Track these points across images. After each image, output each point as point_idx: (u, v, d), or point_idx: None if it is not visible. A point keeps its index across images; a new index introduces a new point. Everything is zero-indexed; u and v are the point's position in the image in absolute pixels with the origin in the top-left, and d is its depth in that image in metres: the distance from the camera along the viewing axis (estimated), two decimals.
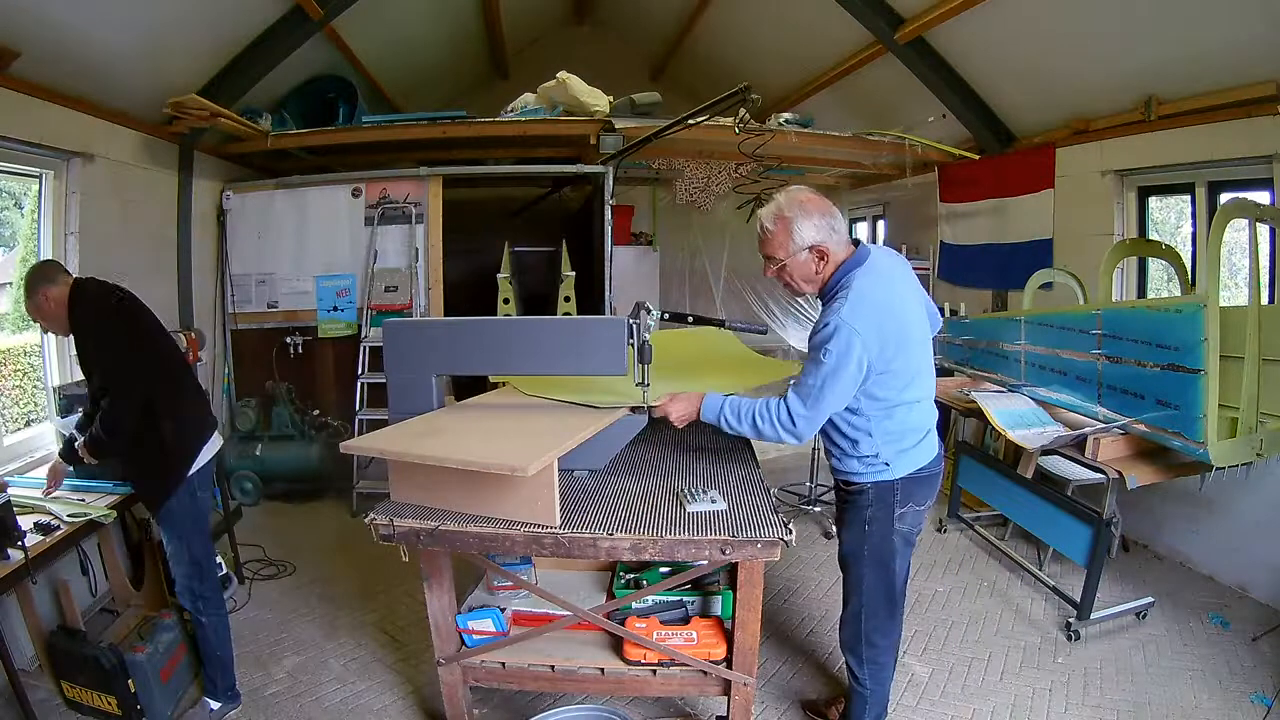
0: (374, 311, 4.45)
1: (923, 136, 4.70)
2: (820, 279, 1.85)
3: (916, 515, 1.95)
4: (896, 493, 1.88)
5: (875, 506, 1.90)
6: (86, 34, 2.96)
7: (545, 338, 2.13)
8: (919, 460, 1.90)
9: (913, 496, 1.91)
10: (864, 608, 1.98)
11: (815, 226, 1.79)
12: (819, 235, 1.79)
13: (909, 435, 1.88)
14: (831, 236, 1.80)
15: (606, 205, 4.51)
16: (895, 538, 1.92)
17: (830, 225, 1.80)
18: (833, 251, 1.80)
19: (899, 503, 1.89)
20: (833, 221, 1.81)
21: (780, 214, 1.81)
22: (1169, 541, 3.48)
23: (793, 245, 1.80)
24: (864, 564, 1.95)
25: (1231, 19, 2.87)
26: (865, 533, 1.92)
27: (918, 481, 1.91)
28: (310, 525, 4.02)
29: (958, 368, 3.97)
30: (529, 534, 1.76)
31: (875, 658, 2.02)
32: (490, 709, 2.35)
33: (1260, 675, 2.51)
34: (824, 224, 1.79)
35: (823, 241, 1.79)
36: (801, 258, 1.82)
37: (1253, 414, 2.43)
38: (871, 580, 1.96)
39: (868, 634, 1.99)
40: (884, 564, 1.94)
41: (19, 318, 3.27)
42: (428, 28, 5.54)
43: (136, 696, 2.23)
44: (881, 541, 1.92)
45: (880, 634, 2.01)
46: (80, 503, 2.34)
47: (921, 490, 1.93)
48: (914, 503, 1.92)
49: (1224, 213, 2.46)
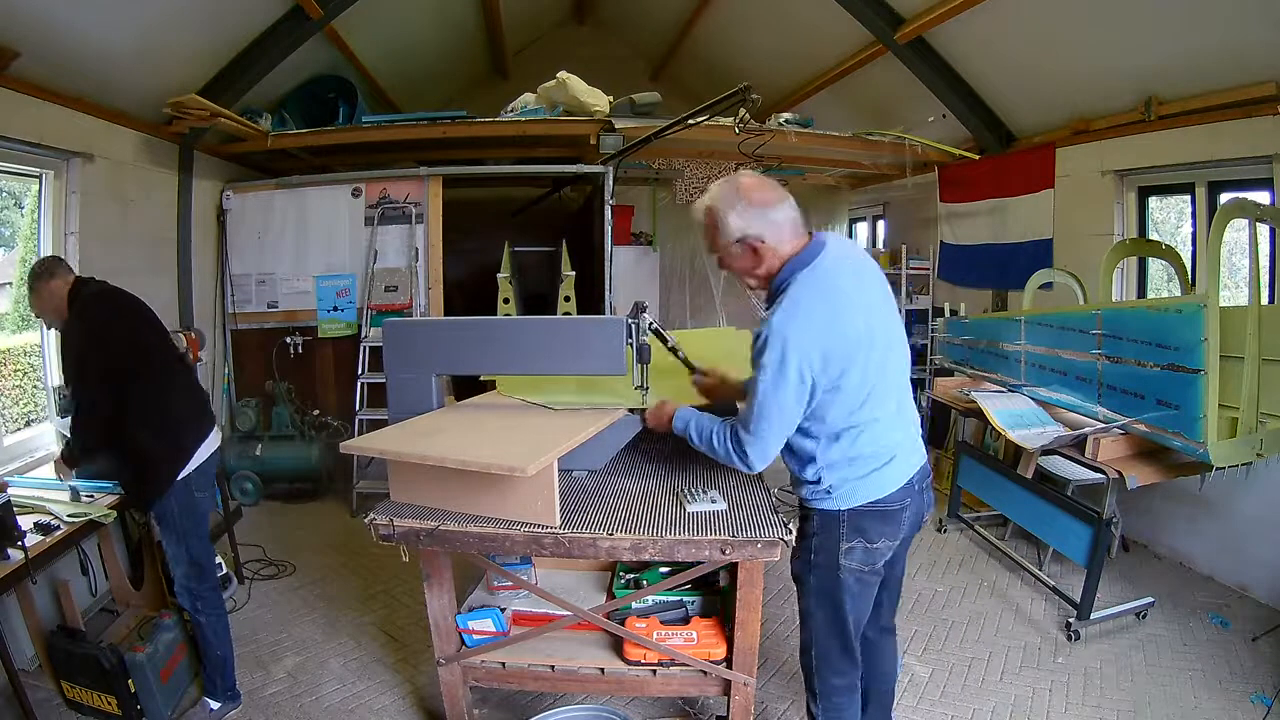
0: (374, 311, 4.45)
1: (923, 136, 4.70)
2: (764, 275, 1.64)
3: (871, 553, 1.66)
4: (842, 525, 1.64)
5: (820, 536, 1.68)
6: (86, 34, 2.96)
7: (544, 338, 2.12)
8: (874, 491, 1.63)
9: (864, 532, 1.64)
10: (813, 644, 1.77)
11: (742, 216, 1.59)
12: (749, 227, 1.58)
13: (861, 462, 1.62)
14: (766, 229, 1.58)
15: (606, 205, 4.51)
16: (843, 574, 1.66)
17: (764, 215, 1.58)
18: (768, 245, 1.59)
19: (845, 537, 1.64)
20: (768, 211, 1.58)
21: (709, 203, 1.64)
22: (1169, 541, 3.48)
23: (721, 237, 1.63)
24: (810, 596, 1.74)
25: (1231, 19, 2.87)
26: (810, 562, 1.70)
27: (874, 515, 1.64)
28: (310, 525, 4.02)
29: (958, 368, 3.97)
30: (529, 534, 1.76)
31: (830, 696, 1.78)
32: (490, 709, 2.35)
33: (1260, 675, 2.51)
34: (756, 214, 1.58)
35: (755, 234, 1.58)
36: (734, 251, 1.62)
37: (1253, 414, 2.43)
38: (819, 616, 1.73)
39: (820, 671, 1.77)
40: (831, 600, 1.70)
41: (19, 318, 3.27)
42: (428, 28, 5.55)
43: (136, 696, 2.23)
44: (826, 574, 1.68)
45: (835, 674, 1.77)
46: (80, 502, 2.33)
47: (878, 526, 1.64)
48: (865, 539, 1.64)
49: (1224, 213, 2.47)
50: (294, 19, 3.87)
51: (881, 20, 4.18)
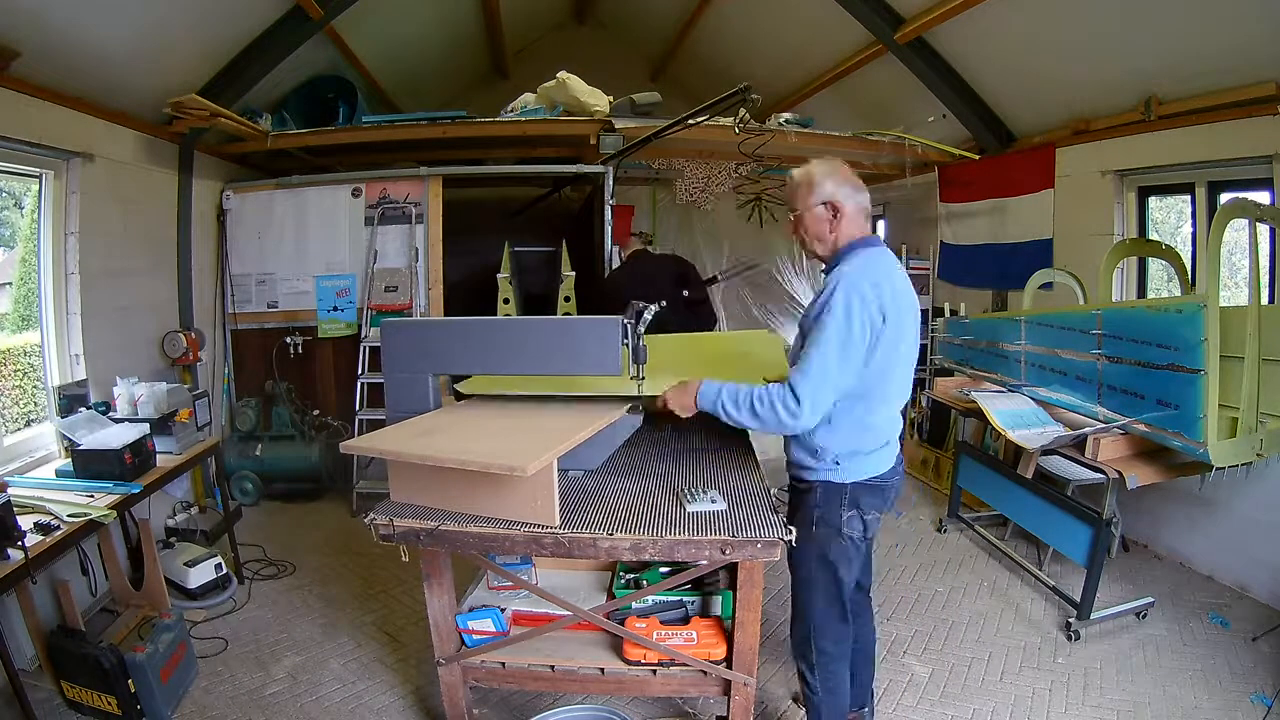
0: (374, 311, 4.45)
1: (923, 136, 4.70)
2: (830, 242, 1.84)
3: (865, 523, 1.86)
4: (844, 497, 1.82)
5: (822, 508, 1.83)
6: (86, 34, 2.96)
7: (541, 338, 2.12)
8: (872, 468, 1.83)
9: (861, 504, 1.83)
10: (811, 615, 1.91)
11: (836, 185, 1.81)
12: (839, 193, 1.80)
13: (867, 438, 1.81)
14: (850, 200, 1.81)
15: (606, 205, 4.51)
16: (844, 542, 1.84)
17: (853, 192, 1.81)
18: (847, 212, 1.80)
19: (845, 507, 1.82)
20: (856, 192, 1.82)
21: (809, 168, 1.85)
22: (1169, 541, 3.48)
23: (812, 197, 1.82)
24: (811, 566, 1.88)
25: (1231, 19, 2.87)
26: (811, 533, 1.84)
27: (869, 489, 1.83)
28: (310, 525, 4.02)
29: (958, 368, 3.97)
30: (529, 534, 1.76)
31: (826, 664, 1.92)
32: (490, 709, 2.35)
33: (1260, 675, 2.52)
34: (847, 188, 1.81)
35: (841, 200, 1.80)
36: (817, 211, 1.82)
37: (1253, 414, 2.43)
38: (818, 586, 1.88)
39: (817, 640, 1.91)
40: (830, 568, 1.86)
41: (19, 318, 3.27)
42: (428, 28, 5.55)
43: (136, 696, 2.23)
44: (826, 543, 1.84)
45: (830, 640, 1.92)
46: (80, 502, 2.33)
47: (871, 498, 1.84)
48: (860, 509, 1.83)
49: (1224, 213, 2.47)
50: (294, 19, 3.87)
51: (881, 20, 4.18)
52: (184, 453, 2.95)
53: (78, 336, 3.26)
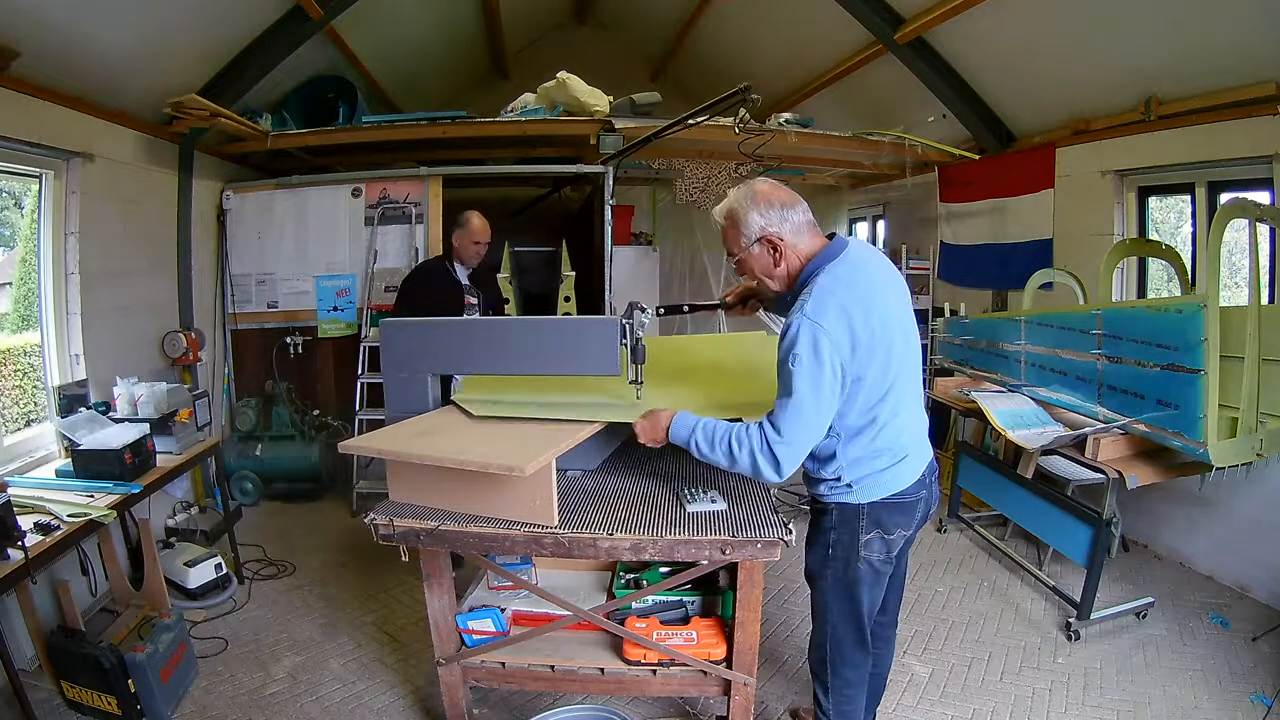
0: (374, 311, 4.44)
1: (923, 136, 4.69)
2: (785, 274, 1.70)
3: (888, 543, 1.73)
4: (862, 518, 1.70)
5: (839, 530, 1.73)
6: (86, 34, 2.95)
7: (539, 338, 2.12)
8: (893, 485, 1.70)
9: (882, 524, 1.70)
10: (829, 637, 1.83)
11: (763, 216, 1.66)
12: (769, 225, 1.66)
13: (881, 457, 1.68)
14: (785, 227, 1.66)
15: (606, 205, 4.51)
16: (861, 565, 1.73)
17: (783, 215, 1.66)
18: (788, 242, 1.66)
19: (864, 529, 1.71)
20: (786, 211, 1.66)
21: (729, 206, 1.71)
22: (1169, 541, 3.48)
23: (743, 238, 1.69)
24: (828, 589, 1.79)
25: (1231, 19, 2.87)
26: (828, 556, 1.76)
27: (891, 507, 1.71)
28: (310, 525, 4.02)
29: (958, 368, 3.97)
30: (529, 534, 1.76)
31: (842, 689, 1.85)
32: (490, 709, 2.35)
33: (1260, 675, 2.52)
34: (774, 214, 1.65)
35: (774, 231, 1.65)
36: (754, 251, 1.69)
37: (1253, 414, 2.43)
38: (836, 608, 1.80)
39: (834, 664, 1.84)
40: (849, 592, 1.76)
41: (19, 318, 3.27)
42: (428, 28, 5.54)
43: (136, 696, 2.23)
44: (845, 568, 1.74)
45: (849, 666, 1.84)
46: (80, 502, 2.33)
47: (895, 517, 1.71)
48: (882, 530, 1.71)
49: (1224, 213, 2.47)
50: (294, 19, 3.86)
51: (881, 20, 4.17)
52: (184, 453, 2.95)
53: (78, 336, 3.26)
